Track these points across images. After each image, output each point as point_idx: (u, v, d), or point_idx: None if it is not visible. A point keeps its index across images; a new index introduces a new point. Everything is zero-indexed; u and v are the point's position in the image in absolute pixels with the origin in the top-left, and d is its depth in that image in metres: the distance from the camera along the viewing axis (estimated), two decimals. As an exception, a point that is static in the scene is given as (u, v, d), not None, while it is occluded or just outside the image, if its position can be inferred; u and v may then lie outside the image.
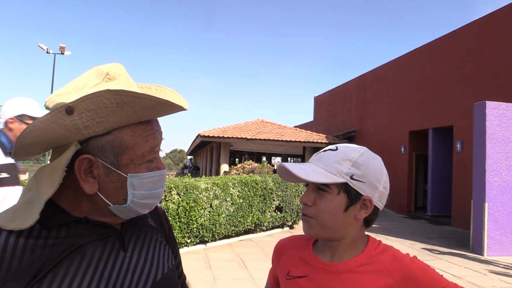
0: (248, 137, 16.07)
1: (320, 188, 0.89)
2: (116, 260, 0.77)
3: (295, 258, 0.98)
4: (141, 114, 0.72)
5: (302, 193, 7.68)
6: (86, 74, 0.78)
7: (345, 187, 0.87)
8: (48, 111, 0.71)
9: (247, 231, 7.91)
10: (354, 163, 0.88)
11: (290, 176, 0.91)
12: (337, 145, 0.93)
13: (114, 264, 0.76)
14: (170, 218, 6.06)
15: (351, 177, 0.87)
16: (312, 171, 0.88)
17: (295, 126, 22.49)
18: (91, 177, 0.74)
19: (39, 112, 2.17)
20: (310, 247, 0.98)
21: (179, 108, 0.75)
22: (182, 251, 6.33)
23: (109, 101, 0.68)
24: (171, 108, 0.74)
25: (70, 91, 0.75)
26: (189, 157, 39.74)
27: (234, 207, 7.23)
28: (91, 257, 0.74)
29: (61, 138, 0.70)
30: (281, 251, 1.04)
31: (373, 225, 0.99)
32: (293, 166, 0.88)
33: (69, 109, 0.67)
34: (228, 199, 7.13)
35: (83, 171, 0.73)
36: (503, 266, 6.48)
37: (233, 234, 7.44)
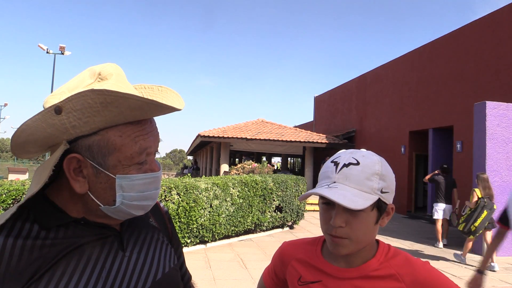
0: (248, 137, 16.07)
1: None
2: (115, 259, 0.77)
3: (305, 264, 0.97)
4: (127, 114, 0.71)
5: (302, 193, 7.61)
6: (80, 74, 0.78)
7: (377, 202, 0.86)
8: None
9: (247, 231, 7.90)
10: (381, 176, 0.86)
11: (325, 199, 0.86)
12: (354, 157, 0.88)
13: (112, 263, 0.76)
14: (170, 218, 6.04)
15: (381, 191, 0.86)
16: (352, 195, 0.82)
17: (295, 126, 22.50)
18: (81, 176, 0.74)
19: None
20: (319, 253, 0.97)
21: (169, 109, 0.73)
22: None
23: (93, 100, 0.67)
24: (159, 108, 0.72)
25: (64, 91, 0.75)
26: (189, 156, 39.71)
27: (234, 207, 7.23)
28: (89, 257, 0.74)
29: (51, 137, 0.71)
30: (288, 256, 1.03)
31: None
32: (333, 194, 0.82)
33: (57, 108, 0.68)
34: (228, 199, 7.12)
35: (73, 170, 0.73)
36: (503, 266, 6.47)
37: (233, 234, 7.43)
